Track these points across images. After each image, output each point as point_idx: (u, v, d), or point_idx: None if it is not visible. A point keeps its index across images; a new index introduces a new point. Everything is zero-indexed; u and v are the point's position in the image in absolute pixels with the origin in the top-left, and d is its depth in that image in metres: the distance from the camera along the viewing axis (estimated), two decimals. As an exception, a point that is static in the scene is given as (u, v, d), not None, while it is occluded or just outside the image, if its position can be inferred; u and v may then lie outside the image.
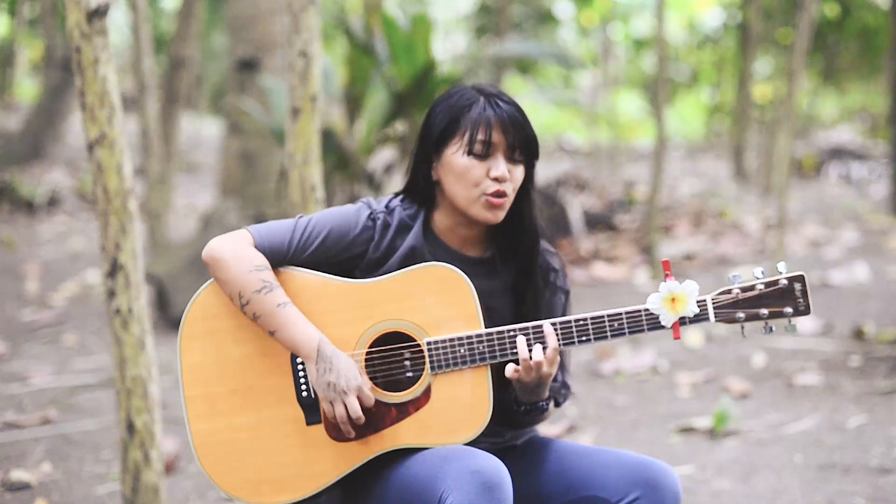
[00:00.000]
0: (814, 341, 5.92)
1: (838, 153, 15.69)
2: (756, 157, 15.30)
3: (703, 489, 3.96)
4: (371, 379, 2.46)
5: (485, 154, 2.48)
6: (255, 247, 2.47)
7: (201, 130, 16.48)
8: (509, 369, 2.43)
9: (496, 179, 2.47)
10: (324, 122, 6.25)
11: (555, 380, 2.63)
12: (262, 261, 2.46)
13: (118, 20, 15.20)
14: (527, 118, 2.52)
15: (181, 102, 9.35)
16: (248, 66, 7.62)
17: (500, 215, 2.51)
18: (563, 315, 2.64)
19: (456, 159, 2.49)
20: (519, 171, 2.51)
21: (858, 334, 5.93)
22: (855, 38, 16.58)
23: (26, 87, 18.72)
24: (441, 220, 2.57)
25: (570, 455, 2.58)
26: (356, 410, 2.39)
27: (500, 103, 2.50)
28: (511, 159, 2.50)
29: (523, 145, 2.51)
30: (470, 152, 2.48)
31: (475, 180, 2.48)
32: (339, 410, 2.40)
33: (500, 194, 2.48)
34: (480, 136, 2.47)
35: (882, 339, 5.81)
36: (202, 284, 2.52)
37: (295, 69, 3.60)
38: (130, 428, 3.29)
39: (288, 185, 3.66)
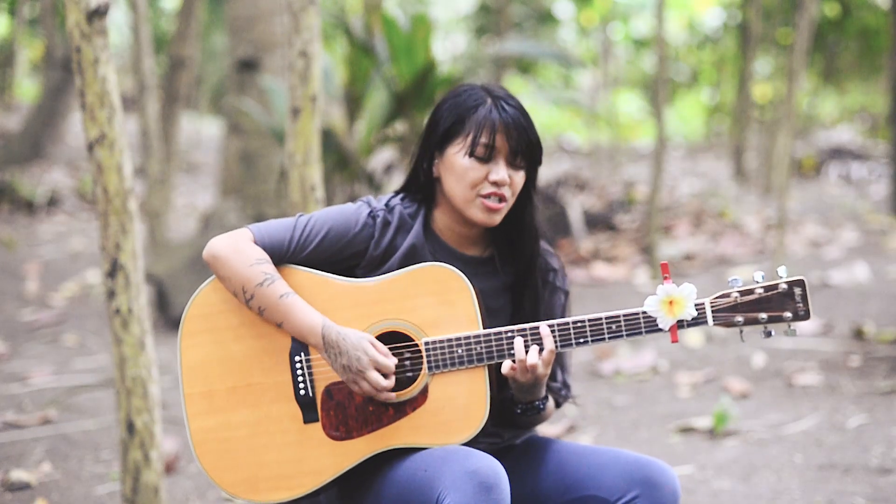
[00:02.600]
0: (814, 341, 5.92)
1: (838, 153, 15.68)
2: (756, 157, 15.29)
3: (703, 489, 3.96)
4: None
5: (487, 158, 2.48)
6: (255, 244, 2.48)
7: (201, 130, 16.47)
8: (505, 366, 2.43)
9: (495, 183, 2.48)
10: (324, 122, 6.24)
11: (554, 380, 2.64)
12: (263, 255, 2.47)
13: (118, 20, 15.20)
14: (531, 122, 2.52)
15: (181, 102, 9.35)
16: (248, 66, 7.62)
17: (497, 219, 2.51)
18: (563, 315, 2.64)
19: (458, 159, 2.49)
20: (519, 177, 2.52)
21: (858, 334, 5.93)
22: (855, 38, 16.58)
23: (26, 87, 18.71)
24: (440, 218, 2.58)
25: (568, 454, 2.58)
26: (379, 382, 2.40)
27: (507, 107, 2.50)
28: (512, 164, 2.51)
29: (525, 151, 2.51)
30: (472, 154, 2.48)
31: (474, 182, 2.48)
32: (365, 387, 2.41)
33: (497, 197, 2.48)
34: (483, 140, 2.48)
35: (882, 339, 5.81)
36: (202, 284, 2.53)
37: (295, 69, 3.60)
38: (130, 428, 3.29)
39: (288, 185, 3.66)
